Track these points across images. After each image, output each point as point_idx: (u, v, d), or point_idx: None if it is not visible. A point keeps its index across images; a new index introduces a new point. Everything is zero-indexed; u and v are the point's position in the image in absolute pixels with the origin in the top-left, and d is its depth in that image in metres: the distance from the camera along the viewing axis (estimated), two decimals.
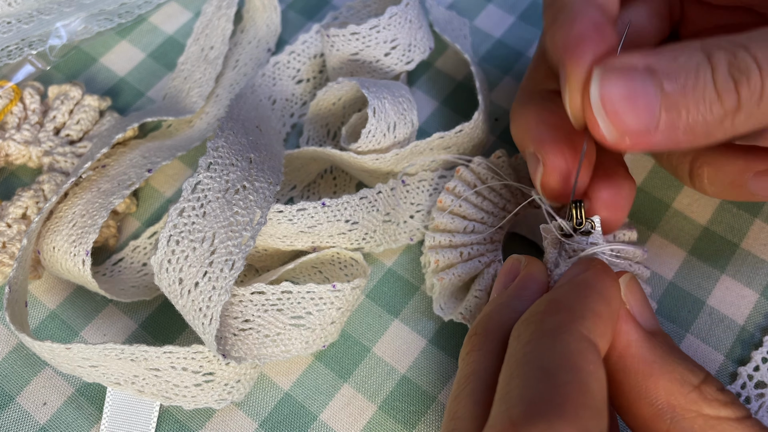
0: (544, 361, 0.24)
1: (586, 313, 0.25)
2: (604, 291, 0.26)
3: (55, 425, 0.33)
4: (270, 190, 0.32)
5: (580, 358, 0.24)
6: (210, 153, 0.32)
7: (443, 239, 0.35)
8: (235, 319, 0.31)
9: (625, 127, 0.27)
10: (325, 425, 0.33)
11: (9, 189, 0.39)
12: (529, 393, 0.23)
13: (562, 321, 0.25)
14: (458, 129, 0.37)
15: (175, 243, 0.30)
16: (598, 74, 0.27)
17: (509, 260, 0.31)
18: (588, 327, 0.25)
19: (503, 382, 0.24)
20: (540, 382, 0.23)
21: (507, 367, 0.25)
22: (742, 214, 0.38)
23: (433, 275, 0.34)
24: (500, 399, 0.24)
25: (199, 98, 0.41)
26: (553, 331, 0.25)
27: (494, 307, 0.28)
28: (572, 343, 0.24)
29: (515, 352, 0.25)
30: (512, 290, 0.29)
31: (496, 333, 0.27)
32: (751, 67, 0.26)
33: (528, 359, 0.24)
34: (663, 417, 0.26)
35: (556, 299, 0.26)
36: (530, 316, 0.26)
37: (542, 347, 0.24)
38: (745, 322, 0.36)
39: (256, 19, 0.45)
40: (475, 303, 0.33)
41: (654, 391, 0.26)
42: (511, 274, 0.30)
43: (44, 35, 0.43)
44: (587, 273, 0.27)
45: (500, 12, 0.46)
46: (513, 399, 0.23)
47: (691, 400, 0.26)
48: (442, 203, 0.36)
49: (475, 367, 0.26)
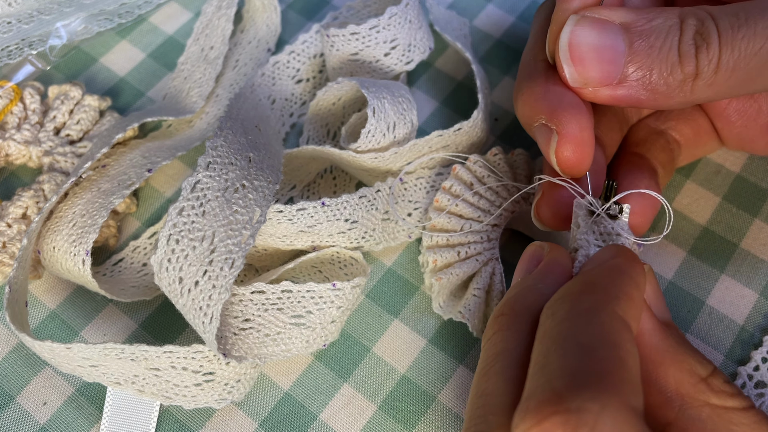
0: (583, 337, 0.24)
1: (620, 295, 0.25)
2: (635, 276, 0.27)
3: (55, 425, 0.33)
4: (269, 189, 0.33)
5: (618, 335, 0.24)
6: (209, 152, 0.32)
7: (440, 239, 0.35)
8: (236, 318, 0.31)
9: (588, 75, 0.28)
10: (325, 425, 0.33)
11: (9, 189, 0.39)
12: (571, 365, 0.23)
13: (598, 300, 0.25)
14: (457, 127, 0.37)
15: (175, 242, 0.30)
16: (572, 20, 0.29)
17: (531, 246, 0.31)
18: (622, 308, 0.25)
19: (540, 356, 0.24)
20: (580, 356, 0.23)
21: (542, 342, 0.25)
22: (742, 213, 0.39)
23: (431, 275, 0.34)
24: (539, 371, 0.24)
25: (199, 98, 0.41)
26: (590, 310, 0.25)
27: (520, 290, 0.29)
28: (609, 321, 0.24)
29: (550, 329, 0.25)
30: (538, 274, 0.29)
31: (524, 314, 0.27)
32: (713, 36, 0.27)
33: (566, 335, 0.24)
34: (672, 405, 0.26)
35: (591, 280, 0.27)
36: (565, 295, 0.26)
37: (579, 324, 0.24)
38: (744, 322, 0.36)
39: (256, 19, 0.45)
40: (474, 301, 0.34)
41: (664, 380, 0.27)
42: (534, 260, 0.30)
43: (44, 35, 0.43)
44: (619, 258, 0.28)
45: (500, 12, 0.46)
46: (554, 371, 0.23)
47: (700, 390, 0.26)
48: (438, 203, 0.36)
49: (504, 346, 0.27)
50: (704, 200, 0.39)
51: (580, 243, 0.30)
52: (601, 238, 0.30)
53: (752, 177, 0.40)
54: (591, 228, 0.30)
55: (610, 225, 0.30)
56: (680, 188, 0.39)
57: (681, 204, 0.39)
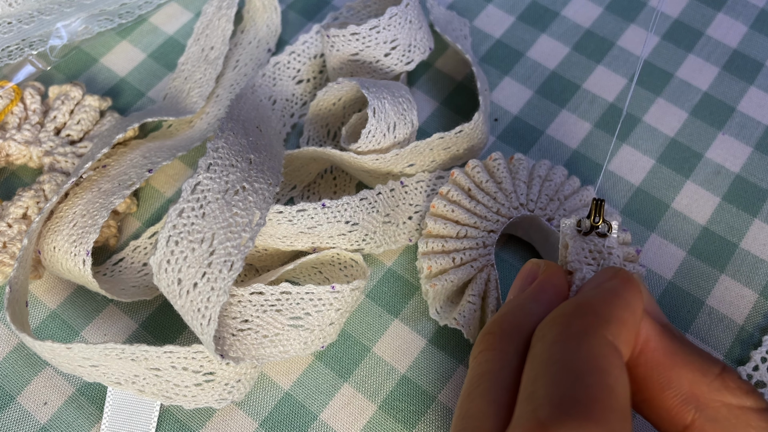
0: (571, 362, 0.24)
1: (612, 319, 0.25)
2: (630, 300, 0.26)
3: (55, 425, 0.33)
4: (269, 191, 0.33)
5: (606, 361, 0.24)
6: (210, 154, 0.32)
7: (436, 245, 0.35)
8: (234, 319, 0.31)
9: None
10: (325, 425, 0.33)
11: (10, 189, 0.40)
12: (557, 393, 0.23)
13: (589, 324, 0.25)
14: (458, 129, 0.37)
15: (174, 244, 0.30)
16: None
17: (528, 264, 0.30)
18: (613, 332, 0.25)
19: (528, 381, 0.24)
20: (567, 383, 0.23)
21: (531, 367, 0.25)
22: (742, 214, 0.39)
23: (426, 281, 0.34)
24: (526, 399, 0.24)
25: (199, 98, 0.41)
26: (580, 334, 0.25)
27: (511, 308, 0.28)
28: (598, 346, 0.24)
29: (540, 353, 0.25)
30: (530, 293, 0.29)
31: (513, 333, 0.27)
32: None
33: (554, 360, 0.24)
34: (687, 407, 0.26)
35: (583, 303, 0.26)
36: (556, 318, 0.26)
37: (568, 348, 0.24)
38: (744, 321, 0.36)
39: (257, 19, 0.45)
40: (469, 308, 0.33)
41: (677, 382, 0.26)
42: (529, 278, 0.30)
43: (45, 35, 0.43)
44: (614, 281, 0.27)
45: (500, 12, 0.46)
46: (540, 399, 0.23)
47: (714, 388, 0.26)
48: (435, 208, 0.36)
49: (489, 367, 0.26)
50: (704, 200, 0.39)
51: (573, 266, 0.29)
52: (591, 256, 0.30)
53: (752, 177, 0.40)
54: (581, 248, 0.30)
55: (601, 243, 0.30)
56: (680, 188, 0.39)
57: (681, 204, 0.39)
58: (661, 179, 0.40)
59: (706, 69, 0.44)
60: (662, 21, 0.46)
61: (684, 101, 0.43)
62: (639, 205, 0.39)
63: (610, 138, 0.41)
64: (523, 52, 0.44)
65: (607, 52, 0.44)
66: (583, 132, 0.41)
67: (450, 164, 0.38)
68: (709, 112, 0.42)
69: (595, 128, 0.41)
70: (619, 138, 0.41)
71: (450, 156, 0.38)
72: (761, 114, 0.42)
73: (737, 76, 0.44)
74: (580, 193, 0.37)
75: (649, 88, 0.43)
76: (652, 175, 0.40)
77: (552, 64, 0.44)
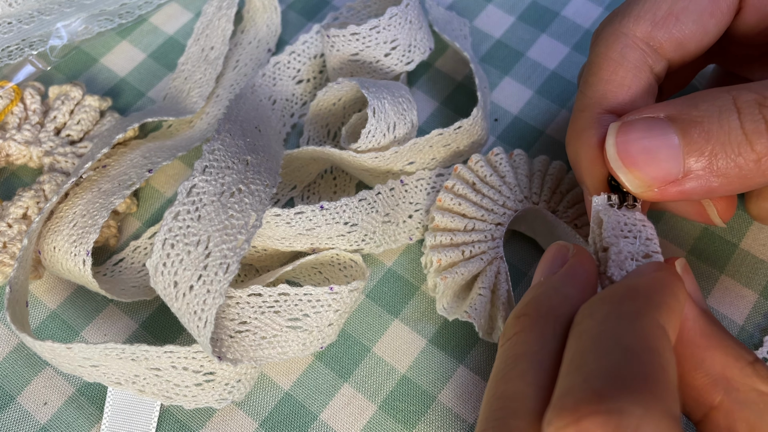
0: (624, 339, 0.23)
1: (662, 305, 0.25)
2: (676, 291, 0.26)
3: (55, 425, 0.33)
4: (266, 193, 0.32)
5: (659, 342, 0.24)
6: (206, 156, 0.32)
7: (444, 238, 0.35)
8: (232, 321, 0.31)
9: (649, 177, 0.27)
10: (325, 425, 0.33)
11: (10, 189, 0.40)
12: (612, 366, 0.22)
13: (640, 306, 0.25)
14: (457, 125, 0.37)
15: (170, 246, 0.30)
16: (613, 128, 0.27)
17: (554, 246, 0.30)
18: (664, 318, 0.25)
19: (576, 354, 0.24)
20: (622, 358, 0.23)
21: (578, 342, 0.24)
22: (742, 214, 0.39)
23: (436, 275, 0.34)
24: (575, 370, 0.23)
25: (199, 98, 0.41)
26: (632, 314, 0.24)
27: (544, 291, 0.28)
28: (650, 328, 0.24)
29: (588, 329, 0.25)
30: (562, 276, 0.28)
31: (549, 316, 0.27)
32: None
33: (606, 336, 0.24)
34: (717, 388, 0.26)
35: (634, 286, 0.26)
36: (605, 297, 0.26)
37: (621, 327, 0.24)
38: (744, 322, 0.36)
39: (257, 19, 0.45)
40: (480, 300, 0.33)
41: (710, 362, 0.26)
42: (557, 260, 0.29)
43: (45, 35, 0.43)
44: (663, 273, 0.27)
45: (500, 12, 0.46)
46: (594, 371, 0.23)
47: (746, 374, 0.26)
48: (441, 202, 0.36)
49: (526, 348, 0.26)
50: None
51: (610, 240, 0.29)
52: (627, 229, 0.29)
53: None
54: (616, 222, 0.29)
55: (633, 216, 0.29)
56: None
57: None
58: None
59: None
60: None
61: None
62: None
63: None
64: (523, 52, 0.44)
65: None
66: None
67: (450, 161, 0.39)
68: None
69: None
70: None
71: (450, 153, 0.38)
72: None
73: None
74: (580, 187, 0.37)
75: None
76: None
77: (552, 64, 0.44)
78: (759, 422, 0.25)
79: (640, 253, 0.28)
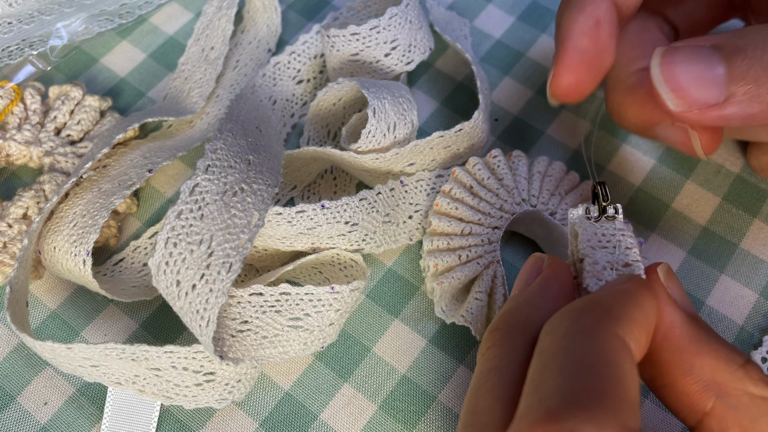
0: (581, 354, 0.24)
1: (622, 317, 0.25)
2: (642, 302, 0.26)
3: (55, 425, 0.33)
4: (268, 192, 0.32)
5: (616, 355, 0.24)
6: (208, 155, 0.32)
7: (441, 243, 0.35)
8: (233, 320, 0.31)
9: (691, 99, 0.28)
10: (325, 425, 0.33)
11: (10, 189, 0.40)
12: (567, 384, 0.23)
13: (599, 319, 0.25)
14: (458, 128, 0.37)
15: (173, 245, 0.30)
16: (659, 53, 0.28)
17: (532, 258, 0.30)
18: (624, 330, 0.25)
19: (535, 373, 0.24)
20: (577, 375, 0.23)
21: (539, 359, 0.25)
22: (742, 214, 0.39)
23: (432, 279, 0.34)
24: (533, 390, 0.23)
25: (199, 98, 0.41)
26: (590, 328, 0.24)
27: (516, 304, 0.28)
28: (608, 341, 0.24)
29: (549, 345, 0.25)
30: (535, 288, 0.29)
31: (519, 329, 0.27)
32: None
33: (564, 352, 0.24)
34: (708, 394, 0.26)
35: (594, 299, 0.26)
36: (566, 312, 0.26)
37: (579, 342, 0.24)
38: (744, 322, 0.36)
39: (257, 19, 0.45)
40: (476, 305, 0.33)
41: (700, 368, 0.26)
42: (533, 272, 0.30)
43: (45, 35, 0.43)
44: (628, 284, 0.27)
45: (500, 12, 0.46)
46: (549, 390, 0.23)
47: (737, 377, 0.26)
48: (438, 207, 0.36)
49: (496, 363, 0.26)
50: (704, 200, 0.39)
51: (585, 252, 0.29)
52: (605, 239, 0.29)
53: (752, 177, 0.40)
54: (593, 234, 0.30)
55: (612, 226, 0.30)
56: (680, 188, 0.39)
57: (681, 204, 0.39)
58: (661, 179, 0.40)
59: None
60: None
61: None
62: (639, 205, 0.39)
63: (610, 138, 0.41)
64: (523, 52, 0.44)
65: None
66: (583, 132, 0.41)
67: (450, 163, 0.39)
68: None
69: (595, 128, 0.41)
70: (620, 138, 0.41)
71: (450, 155, 0.38)
72: None
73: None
74: (580, 187, 0.37)
75: None
76: (653, 174, 0.40)
77: None
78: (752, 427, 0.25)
79: (619, 263, 0.28)
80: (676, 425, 0.33)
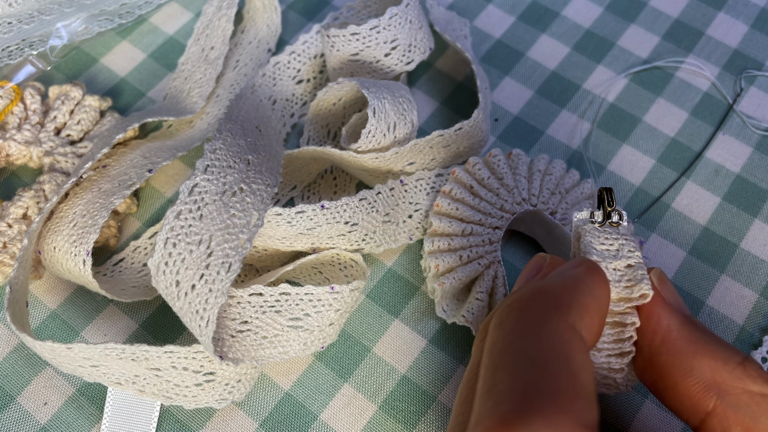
0: (531, 350, 0.23)
1: (572, 304, 0.25)
2: (593, 287, 0.26)
3: (55, 425, 0.33)
4: (267, 192, 0.32)
5: (568, 347, 0.23)
6: (207, 155, 0.32)
7: (442, 243, 0.35)
8: (233, 320, 0.31)
9: None
10: (325, 425, 0.33)
11: (10, 189, 0.40)
12: (519, 386, 0.22)
13: (548, 309, 0.25)
14: (458, 127, 0.37)
15: (172, 245, 0.30)
16: None
17: (535, 258, 0.30)
18: (574, 318, 0.24)
19: (487, 373, 0.24)
20: (529, 373, 0.22)
21: (490, 356, 0.24)
22: (742, 214, 0.39)
23: (434, 280, 0.34)
24: (486, 392, 0.23)
25: (199, 98, 0.41)
26: (539, 319, 0.24)
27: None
28: (558, 332, 0.24)
29: (498, 341, 0.24)
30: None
31: None
32: None
33: (513, 348, 0.24)
34: (709, 394, 0.26)
35: (542, 287, 0.26)
36: (513, 303, 0.26)
37: (528, 336, 0.24)
38: (744, 322, 0.36)
39: (257, 19, 0.45)
40: (477, 305, 0.33)
41: (699, 369, 0.26)
42: (534, 271, 0.30)
43: (45, 35, 0.43)
44: (578, 269, 0.27)
45: (500, 12, 0.46)
46: (501, 393, 0.22)
47: (736, 376, 0.26)
48: (439, 207, 0.36)
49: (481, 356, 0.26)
50: (704, 200, 0.39)
51: (587, 253, 0.29)
52: (608, 243, 0.29)
53: (752, 177, 0.40)
54: (595, 237, 0.30)
55: (615, 231, 0.30)
56: (680, 188, 0.39)
57: (681, 204, 0.39)
58: (661, 179, 0.40)
59: (706, 69, 0.44)
60: (662, 21, 0.46)
61: (684, 101, 0.43)
62: (639, 205, 0.39)
63: (610, 138, 0.41)
64: (523, 52, 0.44)
65: (608, 52, 0.44)
66: (583, 132, 0.41)
67: (450, 162, 0.38)
68: (709, 113, 0.42)
69: (595, 128, 0.41)
70: (620, 138, 0.41)
71: (450, 154, 0.38)
72: (761, 114, 0.42)
73: (737, 76, 0.44)
74: (581, 186, 0.37)
75: (650, 88, 0.43)
76: (652, 175, 0.40)
77: (552, 64, 0.44)
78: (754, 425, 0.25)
79: (620, 264, 0.28)
80: (676, 425, 0.33)
